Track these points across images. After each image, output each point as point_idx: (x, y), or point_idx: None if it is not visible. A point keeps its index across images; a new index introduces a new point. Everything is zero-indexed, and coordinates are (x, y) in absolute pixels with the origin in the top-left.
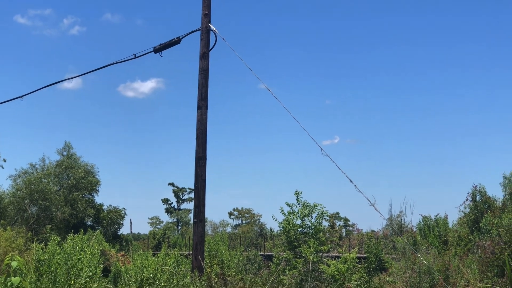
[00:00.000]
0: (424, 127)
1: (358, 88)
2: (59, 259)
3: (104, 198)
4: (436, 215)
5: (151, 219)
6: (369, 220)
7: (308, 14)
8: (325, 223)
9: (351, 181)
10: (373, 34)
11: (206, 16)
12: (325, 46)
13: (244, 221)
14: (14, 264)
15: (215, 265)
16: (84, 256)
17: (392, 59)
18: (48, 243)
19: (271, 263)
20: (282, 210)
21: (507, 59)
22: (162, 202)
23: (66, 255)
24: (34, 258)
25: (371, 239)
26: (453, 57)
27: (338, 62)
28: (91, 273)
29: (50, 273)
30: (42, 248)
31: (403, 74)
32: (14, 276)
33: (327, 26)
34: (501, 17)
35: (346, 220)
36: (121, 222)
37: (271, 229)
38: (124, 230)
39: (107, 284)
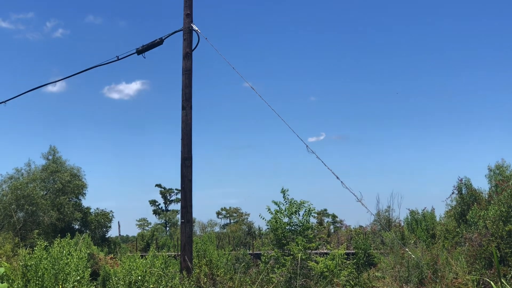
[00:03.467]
0: (409, 121)
1: (343, 84)
2: (46, 263)
3: (91, 201)
4: (423, 209)
5: (139, 221)
6: (357, 215)
7: (290, 12)
8: (313, 220)
9: (337, 178)
10: (356, 30)
11: (188, 16)
12: (308, 43)
13: (232, 221)
14: (1, 270)
15: (203, 265)
16: (72, 260)
17: (376, 56)
18: (34, 248)
19: (260, 262)
20: (269, 209)
21: (492, 49)
22: (150, 203)
23: (53, 260)
24: (20, 263)
25: (359, 235)
26: (438, 52)
27: (321, 58)
28: (78, 277)
29: (37, 278)
30: (28, 253)
31: (388, 69)
32: (1, 282)
33: (309, 25)
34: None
35: (334, 216)
36: (109, 225)
37: (259, 228)
38: (112, 233)
39: (95, 287)
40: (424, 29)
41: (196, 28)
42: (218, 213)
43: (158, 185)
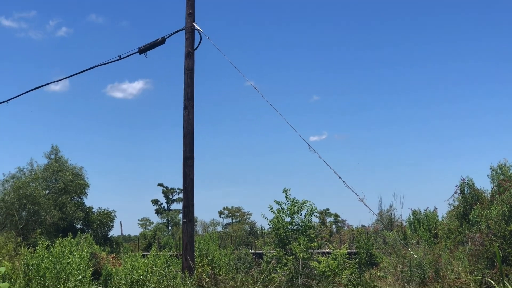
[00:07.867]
0: (412, 121)
1: (345, 83)
2: (47, 263)
3: (94, 200)
4: (426, 209)
5: (141, 220)
6: (359, 215)
7: (292, 10)
8: (315, 220)
9: (339, 177)
10: (361, 29)
11: (190, 15)
12: (311, 41)
13: (234, 220)
14: (2, 269)
15: (205, 265)
16: (73, 260)
17: (380, 55)
18: (36, 247)
19: (262, 261)
20: (271, 208)
21: (494, 49)
22: (152, 203)
23: (55, 259)
24: (22, 263)
25: (361, 235)
26: (440, 52)
27: (324, 57)
28: (80, 277)
29: (39, 277)
30: (30, 253)
31: (391, 68)
32: (3, 282)
33: (312, 22)
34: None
35: (336, 216)
36: (111, 224)
37: (261, 227)
38: (115, 232)
39: (97, 286)
40: (428, 23)
41: (198, 28)
42: (220, 213)
43: (160, 185)
